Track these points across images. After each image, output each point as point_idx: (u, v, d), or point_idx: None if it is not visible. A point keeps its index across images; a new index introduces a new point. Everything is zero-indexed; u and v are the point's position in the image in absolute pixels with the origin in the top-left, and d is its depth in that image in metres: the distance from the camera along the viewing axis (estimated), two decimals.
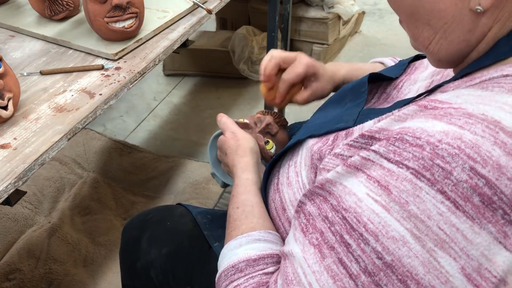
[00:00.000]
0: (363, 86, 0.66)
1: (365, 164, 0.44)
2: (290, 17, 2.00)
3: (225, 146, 0.71)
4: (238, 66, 2.15)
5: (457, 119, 0.41)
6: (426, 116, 0.43)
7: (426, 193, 0.40)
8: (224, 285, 0.54)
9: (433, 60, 0.52)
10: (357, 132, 0.54)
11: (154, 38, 0.96)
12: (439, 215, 0.39)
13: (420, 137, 0.41)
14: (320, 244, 0.45)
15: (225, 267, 0.55)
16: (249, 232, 0.58)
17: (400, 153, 0.42)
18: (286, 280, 0.47)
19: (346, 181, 0.46)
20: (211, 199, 1.45)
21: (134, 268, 0.78)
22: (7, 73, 0.70)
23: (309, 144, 0.59)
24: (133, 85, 0.84)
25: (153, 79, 2.31)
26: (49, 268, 1.28)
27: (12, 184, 0.62)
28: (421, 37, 0.50)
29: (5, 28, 1.00)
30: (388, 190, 0.42)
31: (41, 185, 1.54)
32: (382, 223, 0.41)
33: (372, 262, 0.41)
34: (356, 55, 2.49)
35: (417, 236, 0.40)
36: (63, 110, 0.75)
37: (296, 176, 0.59)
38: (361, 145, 0.48)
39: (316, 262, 0.45)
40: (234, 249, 0.56)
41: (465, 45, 0.48)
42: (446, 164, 0.39)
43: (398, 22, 0.54)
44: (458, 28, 0.46)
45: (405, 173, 0.41)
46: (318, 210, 0.47)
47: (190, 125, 2.00)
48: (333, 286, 0.43)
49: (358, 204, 0.43)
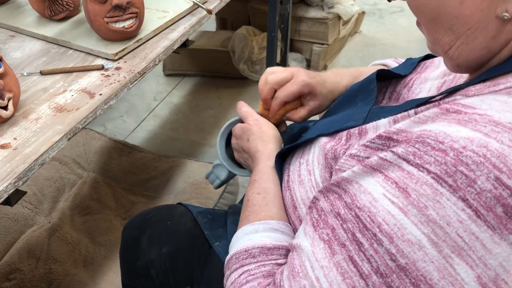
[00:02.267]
0: (372, 83, 0.65)
1: (383, 165, 0.44)
2: (290, 17, 2.00)
3: (248, 132, 0.71)
4: (238, 66, 2.15)
5: (483, 126, 0.40)
6: (449, 120, 0.42)
7: (447, 199, 0.39)
8: (234, 268, 0.54)
9: (451, 65, 0.51)
10: (371, 131, 0.54)
11: (154, 38, 0.96)
12: (459, 222, 0.39)
13: (443, 141, 0.40)
14: (330, 240, 0.45)
15: (237, 250, 0.55)
16: (268, 220, 0.58)
17: (421, 156, 0.41)
18: (292, 272, 0.47)
19: (363, 180, 0.45)
20: (211, 199, 1.45)
21: (134, 267, 0.78)
22: (7, 73, 0.70)
23: (321, 142, 0.59)
24: (133, 85, 0.84)
25: (153, 79, 2.31)
26: (49, 268, 1.28)
27: (12, 184, 0.62)
28: (441, 42, 0.49)
29: (5, 28, 1.00)
30: (406, 192, 0.41)
31: (41, 185, 1.54)
32: (398, 225, 0.41)
33: (385, 263, 0.41)
34: (356, 55, 2.49)
35: (434, 242, 0.39)
36: (63, 110, 0.75)
37: (308, 175, 0.58)
38: (378, 146, 0.47)
39: (325, 258, 0.45)
40: (250, 234, 0.56)
41: (486, 51, 0.46)
42: (470, 172, 0.38)
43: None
44: (481, 34, 0.45)
45: (425, 177, 0.40)
46: (331, 206, 0.47)
47: (190, 125, 2.00)
48: (342, 283, 0.43)
49: (373, 204, 0.43)
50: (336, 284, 0.43)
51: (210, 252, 0.74)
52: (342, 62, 2.44)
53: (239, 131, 0.73)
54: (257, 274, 0.52)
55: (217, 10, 1.10)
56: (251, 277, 0.52)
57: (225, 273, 0.56)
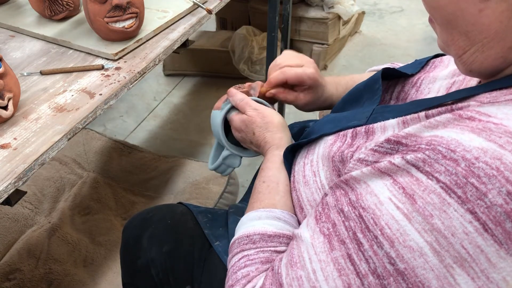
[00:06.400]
0: (377, 82, 0.64)
1: (392, 169, 0.43)
2: (290, 17, 2.00)
3: (253, 125, 0.70)
4: (238, 66, 2.15)
5: (498, 137, 0.38)
6: (462, 127, 0.41)
7: (455, 210, 0.38)
8: (235, 252, 0.56)
9: (464, 70, 0.49)
10: (379, 131, 0.53)
11: (154, 38, 0.96)
12: (465, 234, 0.38)
13: (455, 150, 0.39)
14: (330, 235, 0.45)
15: (240, 235, 0.56)
16: (271, 208, 0.58)
17: (431, 164, 0.40)
18: (290, 261, 0.48)
19: (371, 180, 0.45)
20: (211, 199, 1.45)
21: (135, 266, 0.78)
22: (7, 73, 0.70)
23: (327, 142, 0.59)
24: (133, 85, 0.84)
25: (153, 79, 2.31)
26: (49, 268, 1.28)
27: (12, 184, 0.62)
28: (454, 45, 0.47)
29: (5, 28, 1.00)
30: (412, 199, 0.41)
31: (41, 185, 1.54)
32: (400, 230, 0.41)
33: (383, 266, 0.41)
34: (356, 55, 2.49)
35: (436, 250, 0.39)
36: (63, 110, 0.75)
37: (313, 176, 0.58)
38: (386, 150, 0.47)
39: (323, 252, 0.45)
40: (253, 220, 0.57)
41: (502, 61, 0.45)
42: (482, 184, 0.37)
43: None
44: (498, 44, 0.44)
45: (434, 186, 0.40)
46: (335, 201, 0.47)
47: (190, 125, 2.00)
48: (337, 279, 0.43)
49: (378, 207, 0.43)
50: (332, 279, 0.44)
51: (210, 251, 0.74)
52: (342, 62, 2.44)
53: (240, 124, 0.72)
54: (256, 260, 0.53)
55: (217, 10, 1.10)
56: (249, 262, 0.53)
57: (228, 256, 0.58)
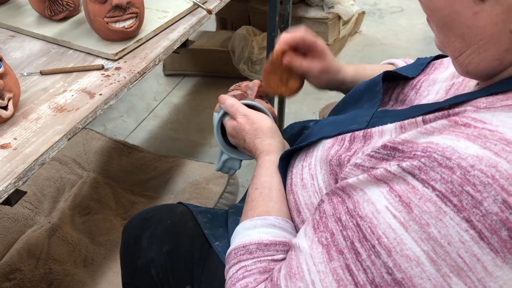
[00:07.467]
0: (378, 85, 0.64)
1: (388, 177, 0.43)
2: (290, 17, 1.99)
3: (242, 132, 0.69)
4: (238, 66, 2.15)
5: (493, 144, 0.38)
6: (457, 134, 0.41)
7: (450, 218, 0.38)
8: (232, 263, 0.55)
9: (461, 71, 0.49)
10: (376, 136, 0.53)
11: (154, 38, 0.96)
12: (461, 242, 0.38)
13: (450, 157, 0.39)
14: (329, 245, 0.45)
15: (236, 245, 0.56)
16: (266, 216, 0.58)
17: (427, 172, 0.40)
18: (289, 272, 0.48)
19: (367, 188, 0.45)
20: (211, 199, 1.45)
21: (135, 266, 0.78)
22: (7, 73, 0.70)
23: (325, 146, 0.58)
24: (133, 85, 0.84)
25: (153, 79, 2.31)
26: (49, 268, 1.28)
27: (12, 184, 0.62)
28: (450, 47, 0.48)
29: (5, 28, 1.00)
30: (409, 207, 0.40)
31: (41, 185, 1.54)
32: (397, 239, 0.40)
33: (381, 276, 0.41)
34: (356, 55, 2.49)
35: (433, 260, 0.39)
36: (63, 110, 0.75)
37: (311, 179, 0.58)
38: (383, 156, 0.46)
39: (322, 262, 0.45)
40: (248, 230, 0.57)
41: (497, 63, 0.45)
42: (477, 192, 0.37)
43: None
44: (494, 47, 0.44)
45: (430, 194, 0.39)
46: (333, 209, 0.47)
47: (190, 125, 2.01)
48: None
49: (375, 216, 0.42)
50: None
51: (210, 251, 0.74)
52: (342, 62, 2.45)
53: (232, 131, 0.71)
54: (253, 270, 0.53)
55: (217, 10, 1.10)
56: (247, 273, 0.53)
57: (225, 267, 0.57)
